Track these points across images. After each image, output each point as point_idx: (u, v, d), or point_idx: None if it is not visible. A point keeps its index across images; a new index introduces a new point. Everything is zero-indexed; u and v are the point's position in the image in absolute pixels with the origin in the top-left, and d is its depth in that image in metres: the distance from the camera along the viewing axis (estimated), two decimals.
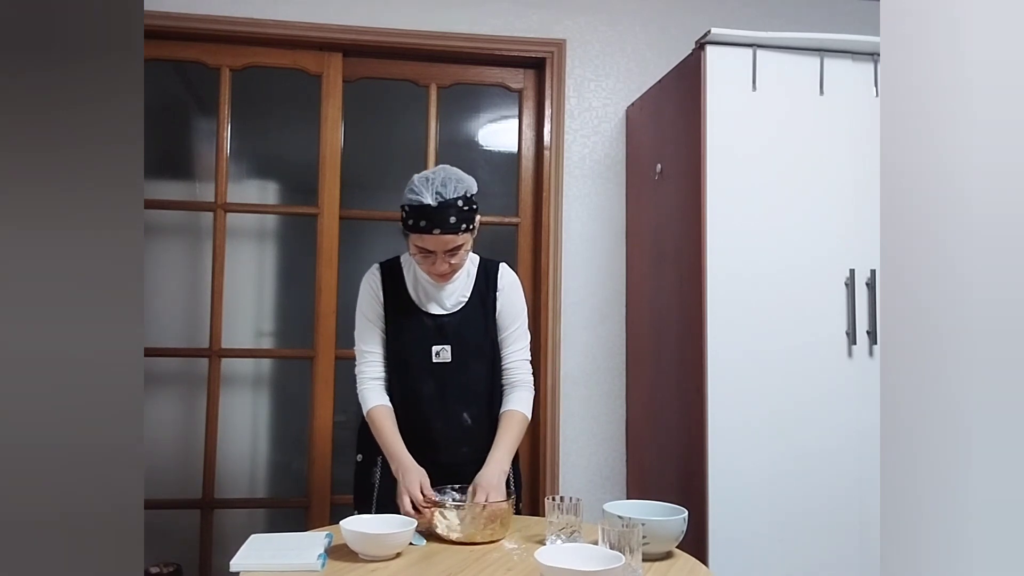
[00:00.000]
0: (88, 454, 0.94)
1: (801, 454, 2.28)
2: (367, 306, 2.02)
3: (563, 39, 2.97)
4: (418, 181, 1.87)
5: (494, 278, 2.04)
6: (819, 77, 2.36)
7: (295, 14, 2.84)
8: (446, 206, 1.82)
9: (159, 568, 2.73)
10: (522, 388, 2.04)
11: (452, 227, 1.83)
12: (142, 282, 1.00)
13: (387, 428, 1.93)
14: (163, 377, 2.92)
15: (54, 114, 0.95)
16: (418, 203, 1.83)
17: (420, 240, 1.86)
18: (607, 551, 1.48)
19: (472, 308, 2.02)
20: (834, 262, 2.34)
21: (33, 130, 0.94)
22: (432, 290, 2.00)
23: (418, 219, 1.83)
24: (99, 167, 0.97)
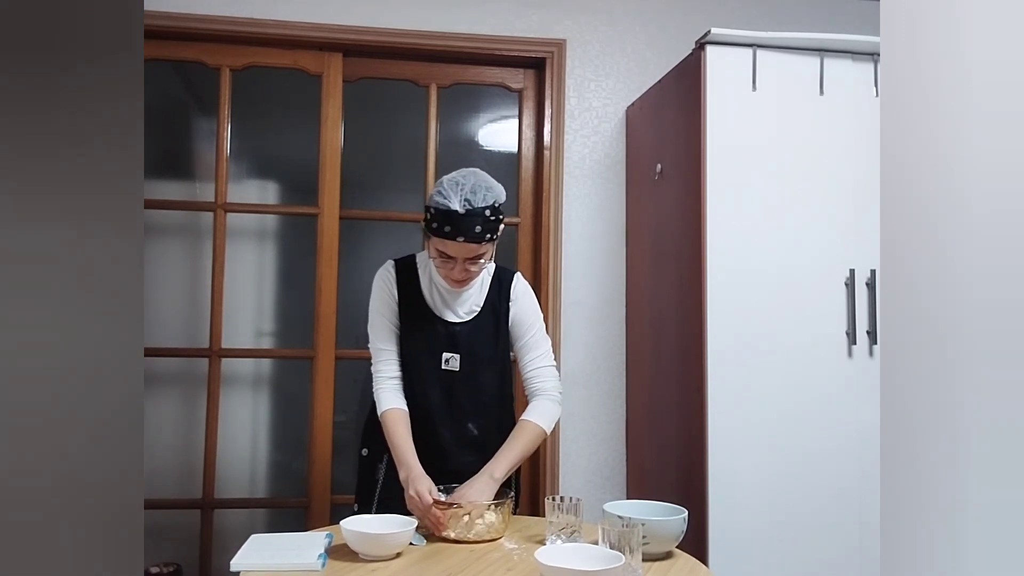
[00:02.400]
0: (88, 454, 0.94)
1: (801, 454, 2.28)
2: (382, 303, 1.98)
3: (563, 39, 2.97)
4: (447, 184, 1.83)
5: (507, 288, 2.01)
6: (819, 77, 2.36)
7: (295, 14, 2.84)
8: (473, 214, 1.79)
9: (159, 568, 2.73)
10: (545, 398, 1.97)
11: (477, 236, 1.80)
12: (142, 282, 1.00)
13: (400, 433, 1.90)
14: (163, 377, 2.92)
15: (54, 114, 0.95)
16: (445, 207, 1.79)
17: (442, 245, 1.83)
18: (607, 551, 1.48)
19: (484, 318, 2.00)
20: (834, 262, 2.34)
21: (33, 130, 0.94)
22: (447, 296, 1.98)
23: (443, 224, 1.80)
24: (99, 167, 0.97)
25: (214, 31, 2.82)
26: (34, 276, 0.94)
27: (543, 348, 2.02)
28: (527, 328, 2.01)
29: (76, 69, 0.96)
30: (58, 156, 0.95)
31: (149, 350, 2.79)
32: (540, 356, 2.01)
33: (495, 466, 1.86)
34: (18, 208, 0.93)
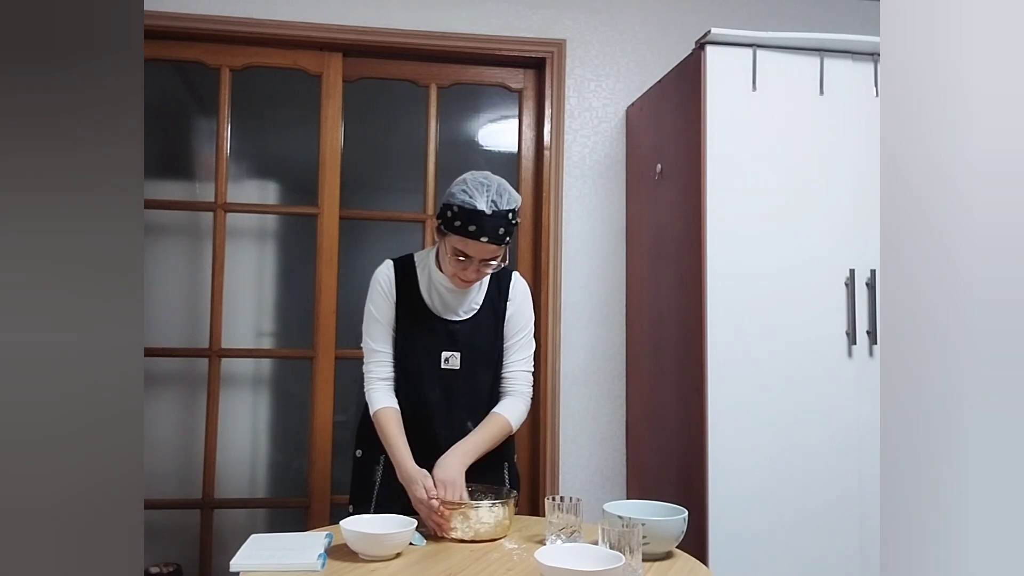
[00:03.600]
0: (88, 454, 0.94)
1: (801, 454, 2.28)
2: (379, 303, 1.98)
3: (563, 39, 2.97)
4: (472, 184, 1.84)
5: (506, 287, 2.02)
6: (819, 77, 2.36)
7: (295, 14, 2.84)
8: (498, 216, 1.80)
9: (159, 568, 2.73)
10: (517, 397, 2.00)
11: (499, 238, 1.82)
12: (142, 282, 1.00)
13: (393, 433, 1.90)
14: (163, 377, 2.92)
15: (54, 114, 0.95)
16: (471, 207, 1.79)
17: (463, 244, 1.82)
18: (607, 551, 1.48)
19: (483, 316, 2.00)
20: (834, 262, 2.34)
21: (33, 130, 0.94)
22: (446, 295, 1.98)
23: (467, 223, 1.80)
24: (99, 167, 0.97)
25: (214, 31, 2.82)
26: (34, 276, 0.94)
27: (527, 352, 2.04)
28: (519, 330, 2.02)
29: (76, 69, 0.96)
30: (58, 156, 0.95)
31: (149, 350, 2.79)
32: (523, 360, 2.03)
33: (464, 447, 1.88)
34: (18, 208, 0.93)
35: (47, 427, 0.93)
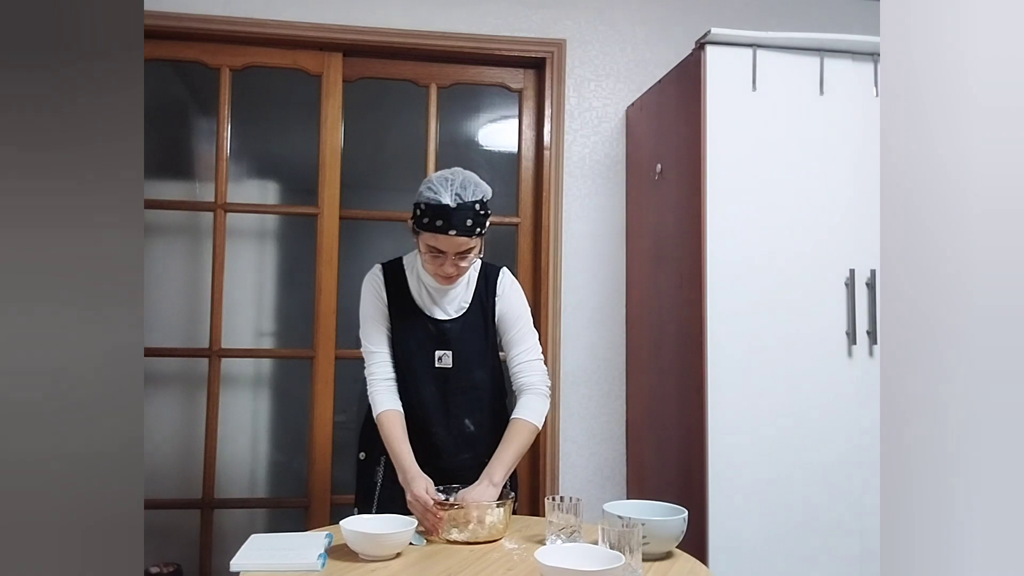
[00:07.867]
0: (88, 454, 0.94)
1: (801, 454, 2.28)
2: (371, 306, 2.00)
3: (563, 39, 2.97)
4: (436, 180, 1.86)
5: (493, 283, 2.03)
6: (819, 77, 2.36)
7: (295, 14, 2.84)
8: (464, 208, 1.81)
9: (159, 568, 2.73)
10: (533, 393, 1.98)
11: (467, 230, 1.82)
12: (142, 282, 1.00)
13: (396, 436, 1.91)
14: (163, 377, 2.92)
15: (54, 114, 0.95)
16: (436, 202, 1.81)
17: (433, 240, 1.84)
18: (607, 551, 1.48)
19: (473, 314, 2.01)
20: (834, 262, 2.34)
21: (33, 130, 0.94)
22: (435, 294, 1.99)
23: (434, 218, 1.82)
24: (99, 167, 0.97)
25: (214, 31, 2.82)
26: (34, 276, 0.94)
27: (530, 342, 2.02)
28: (513, 322, 2.02)
29: (76, 69, 0.96)
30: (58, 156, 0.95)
31: (149, 350, 2.79)
32: (527, 350, 2.01)
33: (493, 470, 1.87)
34: (18, 208, 0.93)
35: (47, 427, 0.93)
